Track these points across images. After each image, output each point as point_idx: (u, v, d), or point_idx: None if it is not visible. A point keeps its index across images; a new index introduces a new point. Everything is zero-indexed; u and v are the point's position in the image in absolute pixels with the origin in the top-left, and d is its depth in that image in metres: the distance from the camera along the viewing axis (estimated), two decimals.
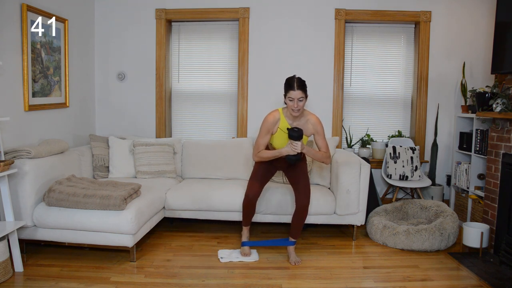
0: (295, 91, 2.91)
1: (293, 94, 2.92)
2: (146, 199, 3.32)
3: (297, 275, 2.98)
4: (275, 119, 3.06)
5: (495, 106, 3.35)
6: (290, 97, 2.94)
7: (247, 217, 3.32)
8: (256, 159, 3.14)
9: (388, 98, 4.74)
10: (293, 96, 2.92)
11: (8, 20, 3.27)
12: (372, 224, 3.71)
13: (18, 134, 3.41)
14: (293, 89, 2.92)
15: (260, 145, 3.09)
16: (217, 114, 4.81)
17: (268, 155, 3.08)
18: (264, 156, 3.09)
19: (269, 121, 3.06)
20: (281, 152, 3.02)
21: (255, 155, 3.12)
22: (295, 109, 2.95)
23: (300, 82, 2.96)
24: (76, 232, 3.10)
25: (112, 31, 4.68)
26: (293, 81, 2.95)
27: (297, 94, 2.91)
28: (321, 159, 3.11)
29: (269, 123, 3.05)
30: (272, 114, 3.08)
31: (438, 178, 4.63)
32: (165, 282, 2.83)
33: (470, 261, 3.23)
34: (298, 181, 3.20)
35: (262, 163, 3.23)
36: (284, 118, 3.07)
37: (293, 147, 2.95)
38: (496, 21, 3.51)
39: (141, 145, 4.10)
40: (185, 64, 4.81)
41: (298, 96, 2.92)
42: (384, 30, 4.68)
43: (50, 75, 3.85)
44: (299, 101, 2.93)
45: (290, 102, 2.96)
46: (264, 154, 3.08)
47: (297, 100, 2.93)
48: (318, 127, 3.11)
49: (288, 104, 2.98)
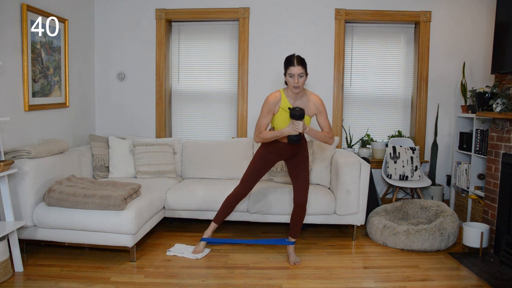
0: (295, 67, 2.90)
1: (293, 70, 2.90)
2: (146, 199, 3.32)
3: (297, 275, 2.98)
4: (276, 99, 3.02)
5: (495, 106, 3.35)
6: (290, 73, 2.92)
7: (222, 215, 3.33)
8: (257, 140, 3.09)
9: (388, 98, 4.75)
10: (293, 72, 2.90)
11: (8, 20, 3.27)
12: (372, 224, 3.71)
13: (18, 134, 3.41)
14: (293, 65, 2.90)
15: (261, 125, 3.05)
16: (217, 114, 4.81)
17: (270, 136, 3.03)
18: (266, 137, 3.04)
19: (270, 101, 3.02)
20: (283, 132, 2.97)
21: (257, 136, 3.08)
22: (296, 85, 2.92)
23: (300, 58, 2.95)
24: (76, 232, 3.10)
25: (112, 31, 4.68)
26: (293, 58, 2.94)
27: (297, 69, 2.89)
28: (324, 139, 3.07)
29: (270, 103, 3.02)
30: (273, 94, 3.05)
31: (438, 178, 4.63)
32: (165, 282, 2.83)
33: (470, 261, 3.23)
34: (298, 175, 3.16)
35: (262, 155, 3.19)
36: (286, 97, 3.03)
37: (294, 126, 2.90)
38: (496, 21, 3.51)
39: (141, 145, 4.10)
40: (185, 64, 4.81)
41: (298, 71, 2.89)
42: (384, 30, 4.68)
43: (50, 75, 3.85)
44: (299, 77, 2.91)
45: (290, 79, 2.93)
46: (265, 135, 3.04)
47: (298, 76, 2.90)
48: (320, 107, 3.08)
49: (289, 81, 2.96)
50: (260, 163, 3.21)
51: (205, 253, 3.33)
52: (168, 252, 3.32)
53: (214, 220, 3.36)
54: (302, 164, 3.18)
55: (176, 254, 3.29)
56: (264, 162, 3.21)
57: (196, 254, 3.28)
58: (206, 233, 3.38)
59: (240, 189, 3.24)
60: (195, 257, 3.24)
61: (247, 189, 3.25)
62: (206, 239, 3.38)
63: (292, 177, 3.23)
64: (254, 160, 3.24)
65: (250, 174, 3.22)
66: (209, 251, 3.38)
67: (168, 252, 3.33)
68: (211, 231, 3.39)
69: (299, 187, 3.15)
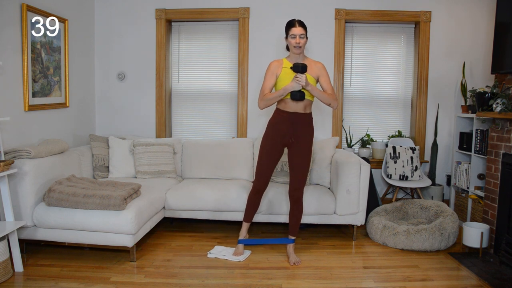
0: (296, 28, 3.02)
1: (294, 31, 3.02)
2: (146, 199, 3.32)
3: (297, 275, 2.98)
4: (279, 62, 3.14)
5: (495, 106, 3.35)
6: (292, 34, 3.03)
7: (250, 211, 3.30)
8: (262, 104, 3.09)
9: (388, 98, 4.75)
10: (295, 33, 3.02)
11: (8, 20, 3.27)
12: (372, 224, 3.71)
13: (18, 134, 3.41)
14: (295, 26, 3.02)
15: (266, 88, 3.10)
16: (217, 114, 4.81)
17: (274, 96, 3.04)
18: (270, 98, 3.05)
19: (272, 64, 3.13)
20: (286, 89, 2.99)
21: (261, 99, 3.09)
22: (297, 45, 3.03)
23: (301, 21, 3.07)
24: (76, 232, 3.10)
25: (112, 31, 4.68)
26: (294, 20, 3.06)
27: (299, 30, 3.02)
28: (327, 100, 3.07)
29: (273, 66, 3.12)
30: (275, 60, 3.18)
31: (438, 178, 4.63)
32: (165, 282, 2.83)
33: (470, 261, 3.23)
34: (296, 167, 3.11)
35: (268, 136, 3.14)
36: (288, 61, 3.13)
37: (297, 79, 2.94)
38: (496, 21, 3.51)
39: (141, 145, 4.10)
40: (185, 64, 4.81)
41: (299, 32, 3.02)
42: (384, 30, 4.68)
43: (50, 75, 3.85)
44: (300, 37, 3.02)
45: (292, 40, 3.04)
46: (269, 95, 3.06)
47: (299, 36, 3.02)
48: (323, 70, 3.16)
49: (290, 42, 3.06)
50: (267, 150, 3.13)
51: (246, 255, 3.29)
52: (209, 255, 3.27)
53: (244, 220, 3.35)
54: (302, 156, 3.11)
55: (218, 256, 3.24)
56: (271, 148, 3.12)
57: (238, 256, 3.24)
58: (241, 234, 3.36)
59: (257, 183, 3.20)
60: (237, 260, 3.20)
61: (263, 181, 3.19)
62: (243, 241, 3.35)
63: (291, 168, 3.16)
64: (261, 151, 3.19)
65: (262, 164, 3.16)
66: (250, 253, 3.33)
67: (209, 254, 3.27)
68: (245, 230, 3.36)
69: (295, 180, 3.13)
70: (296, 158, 3.13)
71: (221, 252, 3.31)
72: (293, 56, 3.12)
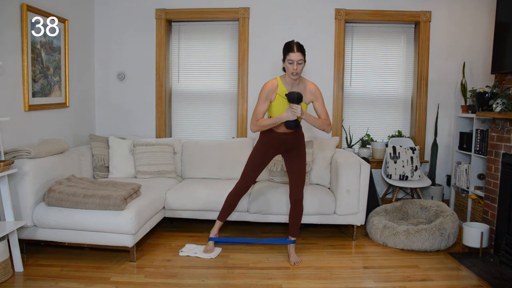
0: (294, 53, 2.89)
1: (292, 56, 2.90)
2: (146, 199, 3.32)
3: (297, 275, 2.98)
4: (273, 85, 3.02)
5: (495, 106, 3.35)
6: (289, 59, 2.91)
7: (226, 211, 3.31)
8: (254, 128, 3.05)
9: (388, 98, 4.75)
10: (293, 58, 2.90)
11: (8, 20, 3.27)
12: (372, 224, 3.71)
13: (18, 134, 3.41)
14: (293, 51, 2.90)
15: (259, 112, 3.02)
16: (217, 114, 4.81)
17: (268, 123, 3.00)
18: (263, 124, 3.01)
19: (267, 87, 3.01)
20: (281, 118, 2.96)
21: (254, 124, 3.04)
22: (294, 71, 2.92)
23: (299, 45, 2.95)
24: (76, 232, 3.10)
25: (112, 31, 4.68)
26: (293, 44, 2.94)
27: (297, 56, 2.89)
28: (321, 126, 3.05)
29: (268, 90, 3.01)
30: (271, 81, 3.05)
31: (438, 178, 4.63)
32: (165, 282, 2.83)
33: (470, 261, 3.23)
34: (293, 169, 3.15)
35: (260, 149, 3.17)
36: (283, 84, 3.03)
37: (292, 110, 2.90)
38: (496, 21, 3.51)
39: (141, 145, 4.10)
40: (185, 64, 4.81)
41: (297, 58, 2.90)
42: (384, 30, 4.68)
43: (50, 75, 3.85)
44: (298, 63, 2.91)
45: (289, 65, 2.93)
46: (263, 122, 3.01)
47: (297, 62, 2.90)
48: (317, 94, 3.08)
49: (287, 68, 2.96)
50: (258, 157, 3.19)
51: (216, 252, 3.32)
52: (180, 253, 3.31)
53: (218, 218, 3.36)
54: (298, 158, 3.16)
55: (189, 254, 3.28)
56: (262, 156, 3.19)
57: (209, 254, 3.28)
58: (212, 232, 3.38)
59: (241, 183, 3.22)
60: (209, 257, 3.24)
61: (248, 183, 3.23)
62: (213, 239, 3.37)
63: (289, 171, 3.20)
64: (252, 154, 3.22)
65: (249, 169, 3.20)
66: (220, 250, 3.37)
67: (180, 252, 3.31)
68: (217, 229, 3.38)
69: (294, 182, 3.15)
70: (292, 161, 3.17)
71: (193, 250, 3.34)
72: (289, 80, 3.01)
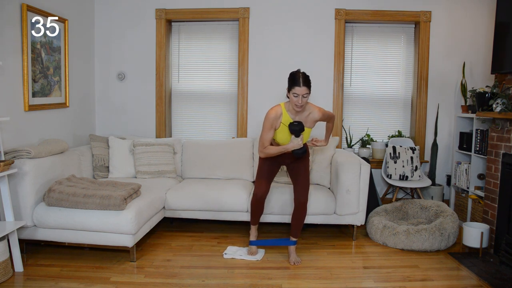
0: (300, 87, 2.86)
1: (298, 90, 2.87)
2: (146, 199, 3.32)
3: (297, 275, 2.98)
4: (277, 114, 3.02)
5: (495, 106, 3.35)
6: (295, 93, 2.88)
7: (255, 216, 3.32)
8: (262, 155, 3.10)
9: (388, 98, 4.75)
10: (298, 92, 2.87)
11: (8, 20, 3.27)
12: (372, 224, 3.70)
13: (18, 134, 3.41)
14: (299, 85, 2.86)
15: (265, 140, 3.05)
16: (217, 114, 4.81)
17: (275, 151, 3.04)
18: (271, 153, 3.05)
19: (271, 116, 3.01)
20: (287, 148, 3.01)
21: (261, 152, 3.08)
22: (299, 104, 2.91)
23: (305, 77, 2.91)
24: (76, 232, 3.10)
25: (112, 31, 4.68)
26: (299, 77, 2.89)
27: (302, 90, 2.87)
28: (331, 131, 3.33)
29: (272, 119, 3.01)
30: (274, 109, 3.04)
31: (438, 178, 4.63)
32: (165, 282, 2.82)
33: (470, 261, 3.23)
34: (298, 176, 3.20)
35: (266, 160, 3.21)
36: (287, 112, 3.03)
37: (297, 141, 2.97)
38: (496, 21, 3.51)
39: (141, 145, 4.10)
40: (185, 64, 4.81)
41: (303, 92, 2.87)
42: (384, 30, 4.68)
43: (50, 75, 3.85)
44: (303, 97, 2.89)
45: (294, 98, 2.91)
46: (270, 150, 3.05)
47: (302, 96, 2.88)
48: (321, 116, 3.13)
49: (292, 100, 2.93)
50: (266, 168, 3.24)
51: (261, 253, 3.31)
52: (225, 255, 3.27)
53: (251, 223, 3.37)
54: (302, 166, 3.22)
55: (235, 257, 3.26)
56: (269, 167, 3.25)
57: (254, 256, 3.27)
58: (251, 236, 3.38)
59: (257, 192, 3.22)
60: (255, 259, 3.22)
61: (263, 190, 3.22)
62: (254, 242, 3.36)
63: (293, 178, 3.26)
64: (259, 167, 3.28)
65: (260, 178, 3.24)
66: (264, 252, 3.36)
67: (224, 255, 3.28)
68: (254, 233, 3.39)
69: (299, 187, 3.18)
70: (296, 170, 3.22)
71: (237, 252, 3.32)
72: (293, 110, 3.01)
